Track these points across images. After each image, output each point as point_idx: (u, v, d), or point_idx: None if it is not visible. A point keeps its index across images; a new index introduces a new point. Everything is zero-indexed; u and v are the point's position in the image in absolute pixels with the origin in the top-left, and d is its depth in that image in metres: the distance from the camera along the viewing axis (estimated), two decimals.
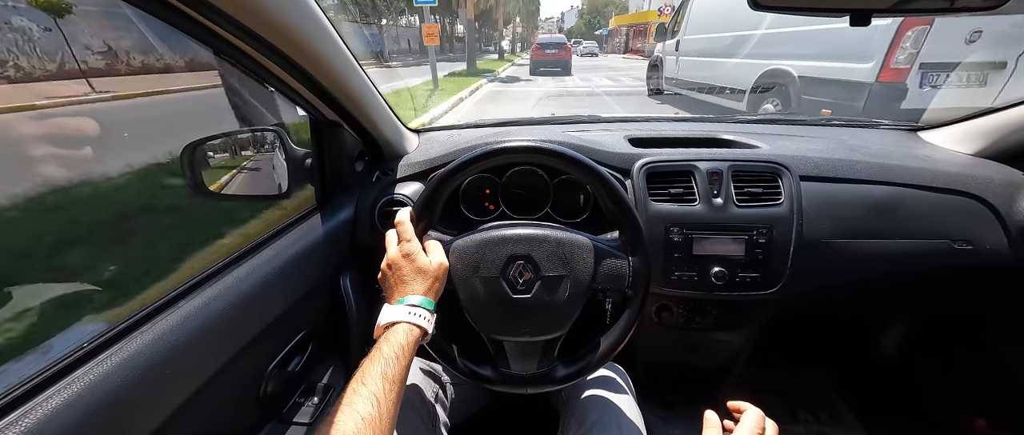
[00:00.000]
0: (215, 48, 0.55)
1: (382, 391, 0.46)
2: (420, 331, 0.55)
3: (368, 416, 0.43)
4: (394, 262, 0.59)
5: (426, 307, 0.56)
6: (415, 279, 0.58)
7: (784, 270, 0.85)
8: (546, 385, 0.65)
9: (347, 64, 0.71)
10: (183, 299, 0.54)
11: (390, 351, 0.50)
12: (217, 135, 0.82)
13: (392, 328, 0.53)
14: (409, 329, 0.53)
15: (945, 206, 0.86)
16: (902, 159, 0.93)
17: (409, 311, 0.55)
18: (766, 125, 1.24)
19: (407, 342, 0.52)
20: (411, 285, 0.57)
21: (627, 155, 0.93)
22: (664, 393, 1.15)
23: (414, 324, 0.54)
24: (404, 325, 0.54)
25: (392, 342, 0.51)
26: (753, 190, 0.86)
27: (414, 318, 0.54)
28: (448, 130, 1.22)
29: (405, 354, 0.51)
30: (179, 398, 0.49)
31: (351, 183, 0.92)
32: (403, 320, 0.54)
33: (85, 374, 0.42)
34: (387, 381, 0.47)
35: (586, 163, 0.62)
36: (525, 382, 0.65)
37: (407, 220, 0.62)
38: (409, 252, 0.59)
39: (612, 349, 0.64)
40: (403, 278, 0.58)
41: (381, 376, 0.47)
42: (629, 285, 0.63)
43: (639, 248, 0.63)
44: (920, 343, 1.23)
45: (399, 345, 0.51)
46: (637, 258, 0.63)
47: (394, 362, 0.49)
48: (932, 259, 0.85)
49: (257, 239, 0.72)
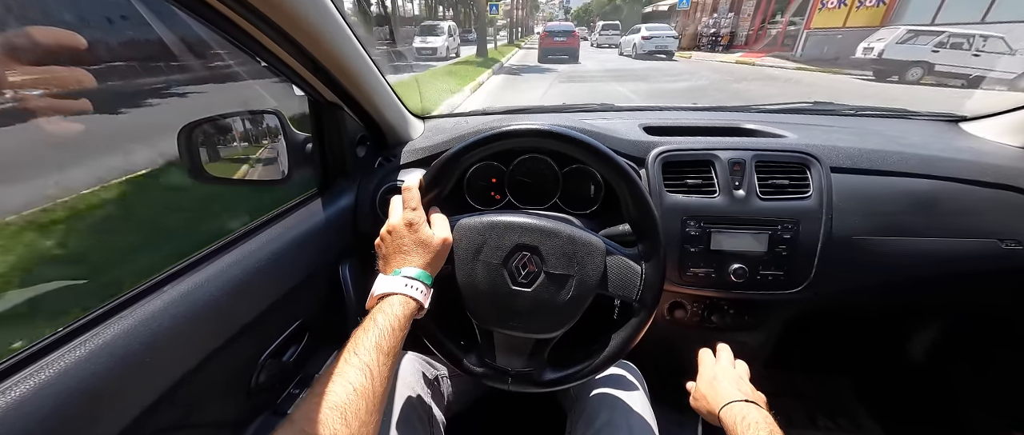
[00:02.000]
0: (207, 19, 0.52)
1: (375, 362, 0.43)
2: (416, 304, 0.51)
3: (360, 387, 0.41)
4: (395, 229, 0.56)
5: (423, 280, 0.53)
6: (415, 250, 0.54)
7: (810, 268, 0.79)
8: (529, 386, 0.61)
9: (346, 41, 0.67)
10: (167, 284, 0.51)
11: (385, 322, 0.47)
12: (214, 117, 0.79)
13: (387, 299, 0.50)
14: (405, 301, 0.50)
15: (992, 202, 0.79)
16: (944, 151, 0.86)
17: (406, 283, 0.51)
18: (792, 115, 1.17)
19: (402, 314, 0.49)
20: (410, 256, 0.54)
21: (642, 143, 0.88)
22: (676, 395, 1.10)
23: (410, 297, 0.51)
24: (400, 297, 0.50)
25: (387, 313, 0.48)
26: (779, 182, 0.80)
27: (410, 291, 0.51)
28: (454, 117, 1.18)
29: (400, 326, 0.48)
30: (160, 388, 0.47)
31: (352, 169, 0.89)
32: (399, 291, 0.51)
33: (57, 360, 0.39)
34: (381, 353, 0.44)
35: (607, 154, 0.57)
36: (508, 378, 0.61)
37: (416, 187, 0.58)
38: (413, 221, 0.55)
39: (608, 360, 0.60)
40: (402, 247, 0.55)
41: (375, 347, 0.44)
42: (638, 297, 0.58)
43: (654, 256, 0.57)
44: (952, 349, 1.16)
45: (394, 316, 0.48)
46: (650, 267, 0.58)
47: (389, 334, 0.46)
48: (977, 259, 0.78)
49: (252, 225, 0.69)
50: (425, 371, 0.78)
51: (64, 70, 0.35)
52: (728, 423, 0.57)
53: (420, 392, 0.73)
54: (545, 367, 0.62)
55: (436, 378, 0.80)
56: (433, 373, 0.80)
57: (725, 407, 0.59)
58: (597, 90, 8.58)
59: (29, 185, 1.90)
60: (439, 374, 0.82)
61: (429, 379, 0.78)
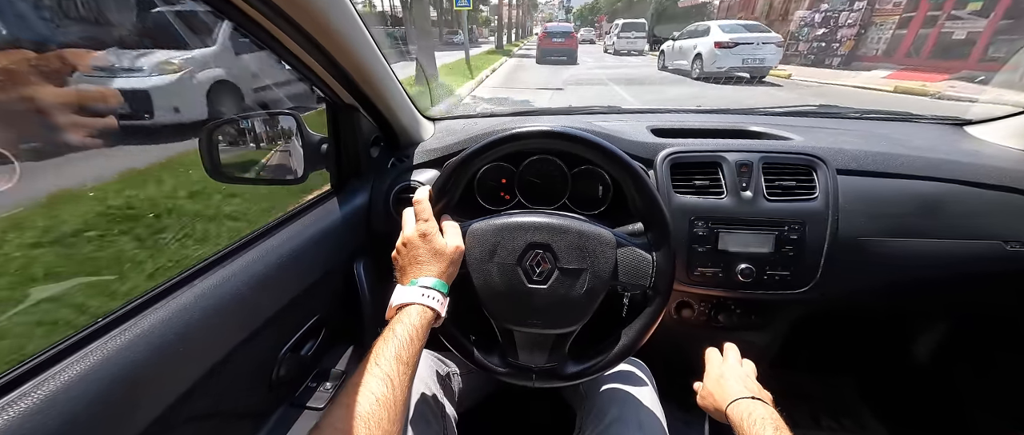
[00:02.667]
0: (237, 23, 0.54)
1: (396, 372, 0.45)
2: (433, 313, 0.53)
3: (382, 397, 0.42)
4: (410, 241, 0.58)
5: (440, 289, 0.55)
6: (430, 260, 0.56)
7: (816, 269, 0.81)
8: (553, 380, 0.63)
9: (367, 46, 0.70)
10: (198, 278, 0.53)
11: (404, 332, 0.49)
12: (234, 118, 0.82)
13: (405, 309, 0.52)
14: (422, 311, 0.52)
15: (997, 204, 0.80)
16: (949, 154, 0.87)
17: (422, 293, 0.53)
18: (798, 117, 1.18)
19: (420, 324, 0.51)
20: (425, 266, 0.56)
21: (650, 145, 0.89)
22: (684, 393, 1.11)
23: (428, 306, 0.53)
24: (417, 306, 0.52)
25: (405, 323, 0.50)
26: (785, 183, 0.82)
27: (427, 300, 0.53)
28: (464, 119, 1.20)
29: (418, 336, 0.50)
30: (192, 377, 0.49)
31: (366, 169, 0.91)
32: (416, 301, 0.53)
33: (99, 348, 0.41)
34: (400, 363, 0.46)
35: (610, 150, 0.59)
36: (532, 375, 0.63)
37: (425, 199, 0.60)
38: (426, 232, 0.57)
39: (627, 350, 0.61)
40: (417, 258, 0.56)
41: (395, 358, 0.46)
42: (651, 285, 0.60)
43: (664, 245, 0.59)
44: (958, 350, 1.16)
45: (412, 326, 0.50)
46: (661, 255, 0.59)
47: (408, 344, 0.48)
48: (982, 261, 0.79)
49: (272, 222, 0.72)
50: (438, 368, 0.80)
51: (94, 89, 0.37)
52: (735, 420, 0.58)
53: (434, 390, 0.74)
54: (567, 361, 0.63)
55: (448, 375, 0.82)
56: (445, 370, 0.82)
57: (732, 404, 0.60)
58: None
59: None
60: (451, 371, 0.83)
61: (442, 376, 0.79)
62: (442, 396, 0.76)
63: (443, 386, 0.78)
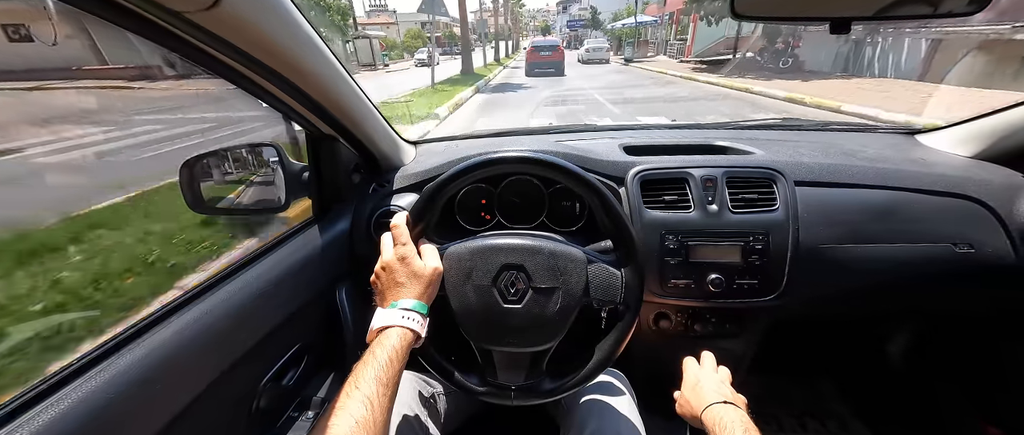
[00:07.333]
0: (208, 67, 0.56)
1: (375, 394, 0.46)
2: (413, 335, 0.55)
3: (362, 418, 0.43)
4: (388, 265, 0.59)
5: (419, 311, 0.56)
6: (409, 283, 0.58)
7: (782, 276, 0.84)
8: (532, 398, 0.65)
9: (338, 77, 0.72)
10: (174, 314, 0.54)
11: (383, 355, 0.50)
12: (215, 151, 0.83)
13: (385, 332, 0.54)
14: (402, 333, 0.54)
15: (945, 210, 0.85)
16: (899, 163, 0.93)
17: (403, 315, 0.55)
18: (761, 131, 1.24)
19: (400, 346, 0.52)
20: (405, 289, 0.57)
21: (621, 163, 0.93)
22: (664, 402, 1.13)
23: (407, 328, 0.54)
24: (397, 329, 0.54)
25: (385, 346, 0.51)
26: (748, 196, 0.86)
27: (407, 322, 0.54)
28: (445, 142, 1.23)
29: (398, 358, 0.51)
30: (169, 414, 0.49)
31: (348, 195, 0.93)
32: (396, 324, 0.54)
33: (74, 390, 0.42)
34: (380, 384, 0.47)
35: (578, 173, 0.63)
36: (511, 393, 0.64)
37: (403, 224, 0.62)
38: (404, 255, 0.59)
39: (601, 364, 0.64)
40: (397, 281, 0.58)
41: (375, 380, 0.47)
42: (621, 300, 0.62)
43: (632, 260, 0.62)
44: (928, 350, 1.21)
45: (392, 348, 0.51)
46: (629, 271, 0.62)
47: (387, 366, 0.49)
48: (933, 263, 0.84)
49: (252, 253, 0.73)
50: (421, 389, 0.81)
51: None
52: (708, 424, 0.60)
53: (417, 411, 0.75)
54: (544, 378, 0.65)
55: (432, 396, 0.83)
56: (429, 391, 0.83)
57: (706, 410, 0.62)
58: None
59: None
60: (435, 392, 0.84)
61: (425, 397, 0.80)
62: (426, 417, 0.76)
63: (427, 407, 0.79)
